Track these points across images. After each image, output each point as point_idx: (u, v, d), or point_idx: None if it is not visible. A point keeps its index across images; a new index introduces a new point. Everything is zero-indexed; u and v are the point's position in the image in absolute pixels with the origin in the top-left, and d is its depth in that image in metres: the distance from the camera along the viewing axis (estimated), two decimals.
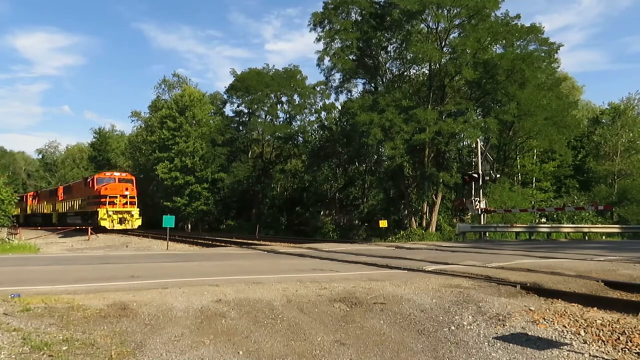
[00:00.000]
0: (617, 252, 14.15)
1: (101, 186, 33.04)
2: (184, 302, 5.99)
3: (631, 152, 41.66)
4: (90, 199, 33.66)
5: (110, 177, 34.75)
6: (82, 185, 36.88)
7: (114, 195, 32.39)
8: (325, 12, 31.68)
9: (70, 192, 39.94)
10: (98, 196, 32.50)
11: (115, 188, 32.94)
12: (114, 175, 35.58)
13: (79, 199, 36.59)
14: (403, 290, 7.01)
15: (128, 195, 32.93)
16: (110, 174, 35.92)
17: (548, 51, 30.52)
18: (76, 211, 37.39)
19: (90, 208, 33.59)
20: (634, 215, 32.74)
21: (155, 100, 59.35)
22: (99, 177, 34.58)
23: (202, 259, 12.77)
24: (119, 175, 35.88)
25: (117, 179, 34.38)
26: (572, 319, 5.66)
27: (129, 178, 35.70)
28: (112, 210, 31.68)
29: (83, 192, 35.97)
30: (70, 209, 38.65)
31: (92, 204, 33.21)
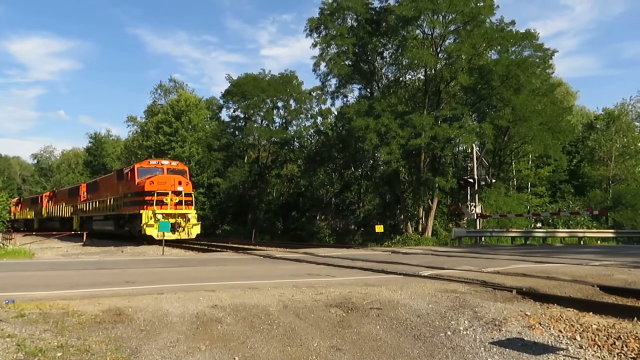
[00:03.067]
0: (612, 257, 14.20)
1: (145, 179, 23.82)
2: (180, 307, 5.96)
3: (625, 157, 41.85)
4: (129, 197, 24.71)
5: (157, 167, 25.38)
6: (115, 180, 27.87)
7: (164, 191, 22.98)
8: (322, 18, 31.77)
9: (96, 190, 31.40)
10: (140, 193, 23.27)
11: (165, 181, 23.60)
12: (162, 164, 25.94)
13: (110, 198, 27.60)
14: (399, 295, 7.01)
15: (183, 192, 23.44)
16: (156, 162, 26.26)
17: (543, 57, 30.73)
18: (106, 214, 28.27)
19: (128, 209, 24.69)
20: (629, 220, 32.88)
21: (152, 105, 59.34)
22: (142, 167, 25.21)
23: (197, 264, 12.72)
24: (168, 164, 26.25)
25: (166, 169, 25.22)
26: (568, 324, 5.68)
27: (181, 168, 26.63)
28: (161, 213, 22.47)
29: (116, 188, 27.15)
30: (98, 211, 29.88)
31: (132, 203, 24.19)
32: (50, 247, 20.89)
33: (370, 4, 31.74)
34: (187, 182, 24.59)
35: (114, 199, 26.88)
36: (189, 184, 24.70)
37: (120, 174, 27.55)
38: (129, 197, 24.56)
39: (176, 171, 25.61)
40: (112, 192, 27.65)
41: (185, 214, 23.45)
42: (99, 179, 33.70)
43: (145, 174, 24.47)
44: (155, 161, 26.81)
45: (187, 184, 24.41)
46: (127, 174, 25.60)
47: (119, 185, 26.69)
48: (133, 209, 23.77)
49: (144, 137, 53.55)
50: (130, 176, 25.04)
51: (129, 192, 24.64)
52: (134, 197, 23.95)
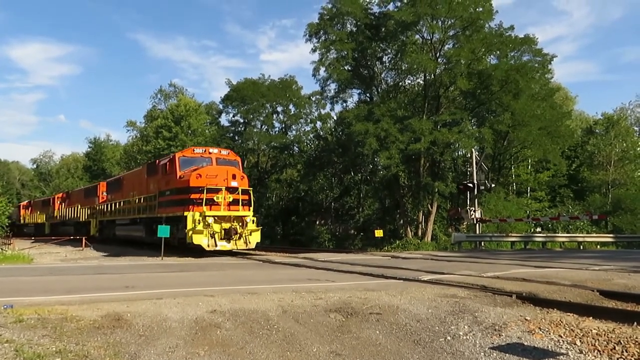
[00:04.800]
0: (612, 262, 14.19)
1: (189, 172, 18.73)
2: (179, 312, 5.95)
3: (625, 161, 41.92)
4: (166, 195, 19.52)
5: (204, 157, 20.02)
6: (144, 175, 22.50)
7: (215, 187, 17.97)
8: (321, 23, 31.88)
9: (119, 189, 26.14)
10: (184, 189, 18.26)
11: (216, 174, 18.50)
12: (210, 152, 20.34)
13: (139, 198, 22.08)
14: (399, 300, 6.99)
15: (239, 189, 18.39)
16: (202, 150, 20.73)
17: (541, 62, 30.80)
18: (134, 217, 22.71)
19: (165, 211, 19.42)
20: (628, 225, 32.88)
21: (151, 109, 59.38)
22: (184, 157, 19.89)
23: (197, 269, 12.70)
24: (217, 152, 20.61)
25: (215, 159, 19.80)
26: (568, 329, 5.66)
27: (233, 158, 20.88)
28: (213, 215, 17.61)
29: (147, 184, 21.82)
30: (121, 213, 24.77)
31: (171, 203, 19.08)
32: (49, 252, 20.84)
33: (370, 9, 31.86)
34: (243, 176, 19.34)
35: (144, 198, 21.65)
36: (244, 179, 19.36)
37: (152, 167, 22.14)
38: (167, 195, 19.47)
39: (227, 162, 20.04)
40: (140, 190, 22.46)
41: (242, 217, 18.23)
42: (123, 175, 28.22)
43: (188, 166, 19.25)
44: (201, 149, 20.66)
45: (243, 179, 19.17)
46: (164, 167, 20.11)
47: (150, 181, 21.61)
48: (173, 210, 18.67)
49: (143, 142, 53.57)
50: (169, 169, 19.65)
51: (167, 188, 19.57)
52: (174, 196, 18.96)
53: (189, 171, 18.82)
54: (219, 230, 17.64)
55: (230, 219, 18.00)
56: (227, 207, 18.12)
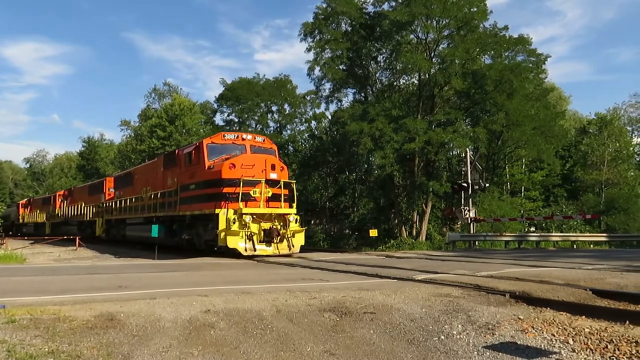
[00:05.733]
0: (605, 261, 14.28)
1: (220, 161, 16.09)
2: (173, 312, 5.93)
3: (618, 161, 42.21)
4: (191, 189, 16.91)
5: (236, 143, 17.04)
6: (160, 167, 19.87)
7: (252, 179, 15.46)
8: (316, 23, 31.86)
9: (129, 184, 23.62)
10: (215, 182, 15.67)
11: (252, 164, 15.84)
12: (244, 139, 17.36)
13: (155, 194, 19.64)
14: (393, 299, 7.00)
15: (281, 183, 16.08)
16: (234, 135, 17.64)
17: (535, 62, 30.92)
18: (148, 216, 20.03)
19: (189, 208, 16.93)
20: (621, 224, 33.13)
21: (145, 109, 59.18)
22: (213, 144, 16.90)
23: (191, 268, 12.67)
24: (252, 139, 17.60)
25: (249, 147, 17.01)
26: (561, 328, 5.69)
27: (269, 147, 18.03)
28: (250, 213, 15.08)
29: (164, 178, 19.34)
30: (133, 211, 22.13)
31: (197, 199, 16.46)
32: (42, 252, 20.72)
33: (364, 9, 31.90)
34: (282, 167, 16.76)
35: (160, 194, 19.11)
36: (284, 170, 16.82)
37: (171, 158, 19.35)
38: (192, 189, 16.79)
39: (263, 150, 17.20)
40: (156, 185, 19.92)
41: (284, 215, 15.77)
42: (134, 169, 25.40)
43: (218, 154, 16.45)
44: (232, 134, 17.68)
45: (283, 170, 16.65)
46: (188, 156, 17.38)
47: (168, 174, 18.92)
48: (200, 207, 16.11)
49: (137, 141, 53.34)
50: (195, 158, 16.85)
51: (192, 182, 16.87)
52: (201, 190, 16.19)
53: (219, 160, 16.07)
54: (258, 231, 15.13)
55: (271, 218, 15.53)
56: (266, 203, 15.54)
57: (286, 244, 15.51)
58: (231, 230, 14.74)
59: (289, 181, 16.77)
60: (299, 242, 16.04)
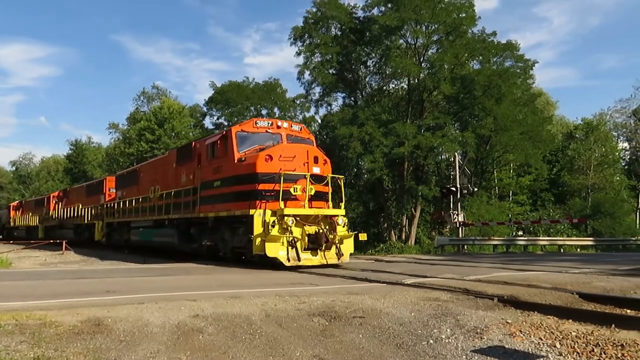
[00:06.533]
0: (591, 265, 14.43)
1: (255, 151, 13.85)
2: (161, 317, 5.89)
3: (604, 166, 42.75)
4: (216, 186, 14.56)
5: (270, 132, 14.61)
6: (173, 163, 17.78)
7: (293, 175, 13.18)
8: (306, 27, 31.94)
9: (134, 183, 21.52)
10: (248, 177, 13.33)
11: (292, 155, 13.43)
12: (279, 126, 14.85)
13: (166, 194, 17.64)
14: (382, 303, 7.01)
15: (328, 178, 13.94)
16: (268, 123, 14.91)
17: (523, 67, 31.25)
18: (159, 218, 18.10)
19: (212, 209, 14.63)
20: (607, 228, 33.52)
21: (134, 112, 58.88)
22: (242, 132, 14.37)
23: (180, 273, 12.58)
24: (288, 127, 15.11)
25: (285, 136, 14.59)
26: (548, 331, 5.74)
27: (307, 137, 15.60)
28: (293, 215, 12.68)
29: (177, 174, 17.27)
30: (140, 213, 20.05)
31: (225, 198, 14.09)
32: (28, 256, 20.47)
33: (354, 13, 32.05)
34: (325, 160, 14.23)
35: (174, 193, 16.95)
36: (327, 163, 14.33)
37: (186, 152, 17.06)
38: (216, 187, 14.41)
39: (300, 140, 14.75)
40: (167, 184, 17.82)
41: (331, 218, 13.39)
42: (139, 166, 22.86)
43: (249, 144, 14.05)
44: (265, 121, 14.85)
45: (326, 163, 14.20)
46: (212, 148, 14.98)
47: (183, 170, 16.77)
48: (228, 207, 13.68)
49: (125, 145, 53.02)
50: (221, 149, 14.45)
51: (216, 177, 14.46)
52: (228, 187, 13.80)
53: (252, 151, 13.73)
54: (301, 237, 12.65)
55: (317, 220, 13.04)
56: (310, 203, 13.11)
57: (334, 251, 13.16)
58: (270, 235, 12.19)
59: (336, 176, 14.59)
60: (348, 249, 13.63)
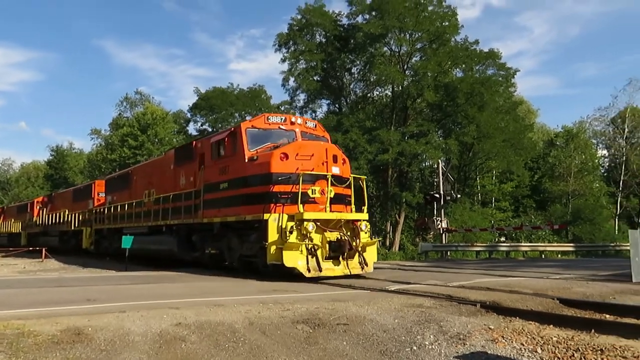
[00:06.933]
0: (572, 270, 14.63)
1: (268, 149, 12.54)
2: (142, 326, 5.81)
3: (584, 173, 43.45)
4: (223, 188, 13.18)
5: (283, 128, 13.19)
6: (170, 164, 16.64)
7: (312, 174, 11.85)
8: (290, 34, 32.06)
9: (125, 187, 20.45)
10: (261, 177, 11.97)
11: (310, 154, 12.03)
12: (292, 122, 13.52)
13: (164, 197, 16.30)
14: (366, 310, 7.02)
15: (351, 179, 12.84)
16: (281, 119, 13.50)
17: (505, 76, 31.76)
18: (154, 224, 16.96)
19: (218, 213, 13.30)
20: (587, 234, 34.00)
21: (117, 117, 58.25)
22: (253, 129, 12.99)
23: (162, 280, 12.44)
24: (302, 124, 13.75)
25: (300, 133, 13.24)
26: (530, 337, 5.80)
27: (322, 135, 14.17)
28: (313, 220, 11.29)
29: (177, 176, 16.02)
30: (133, 219, 18.77)
31: (233, 201, 12.74)
32: (7, 264, 20.05)
33: (339, 21, 32.27)
34: (344, 159, 13.06)
35: (173, 197, 15.65)
36: (346, 163, 13.13)
37: (186, 152, 15.95)
38: (224, 189, 13.04)
39: (315, 138, 13.48)
40: (164, 187, 16.51)
41: (354, 223, 12.19)
42: (132, 169, 21.67)
43: (260, 142, 12.70)
44: (278, 117, 13.57)
45: (345, 163, 12.98)
46: (218, 146, 13.70)
47: (183, 172, 15.61)
48: (237, 211, 12.41)
49: (108, 151, 52.41)
50: (229, 147, 13.22)
51: (224, 179, 13.11)
52: (238, 189, 12.50)
53: (264, 149, 12.43)
54: (322, 244, 11.32)
55: (339, 226, 11.70)
56: (326, 205, 11.69)
57: (357, 260, 11.83)
58: (288, 242, 10.86)
59: (359, 176, 13.34)
60: (372, 258, 12.42)
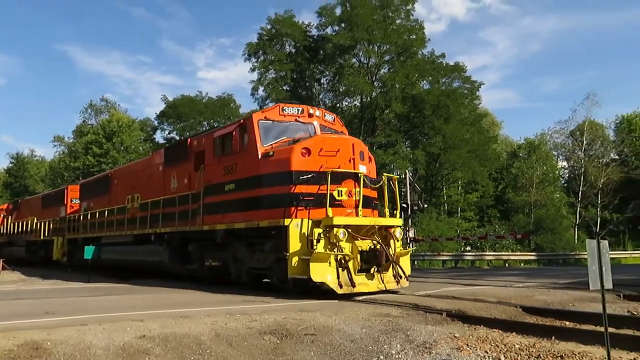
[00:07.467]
0: (534, 279, 15.02)
1: (286, 144, 10.63)
2: (105, 339, 5.65)
3: (545, 184, 44.75)
4: (229, 190, 11.30)
5: (301, 121, 11.36)
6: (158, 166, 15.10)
7: (339, 172, 9.88)
8: (260, 43, 32.09)
9: (103, 192, 18.82)
10: (278, 176, 10.06)
11: (335, 149, 10.14)
12: (310, 114, 11.62)
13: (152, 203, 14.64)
14: (334, 320, 7.02)
15: (384, 179, 11.27)
16: (298, 110, 11.59)
17: (470, 89, 32.58)
18: (141, 233, 15.17)
19: (223, 219, 11.40)
20: (548, 243, 34.93)
21: (81, 125, 56.88)
22: (267, 121, 11.06)
23: (126, 292, 12.15)
24: (321, 116, 11.85)
25: (319, 127, 11.41)
26: (493, 345, 5.92)
27: (341, 130, 12.42)
28: (344, 226, 9.41)
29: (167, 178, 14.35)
30: (112, 228, 17.26)
31: (241, 204, 10.84)
32: None
33: (309, 32, 32.52)
34: (371, 157, 11.46)
35: (164, 202, 13.97)
36: (372, 161, 11.48)
37: (178, 151, 14.43)
38: (230, 190, 11.27)
39: (336, 131, 12.05)
40: (151, 191, 14.88)
41: (387, 229, 10.47)
42: (111, 172, 20.08)
43: (274, 136, 11.02)
44: (294, 108, 11.78)
45: (371, 161, 11.38)
46: (223, 141, 11.92)
47: (174, 173, 14.01)
48: (249, 216, 10.57)
49: (71, 158, 51.07)
50: (237, 142, 11.42)
51: (230, 179, 11.35)
52: (249, 190, 10.68)
53: (282, 144, 10.73)
54: (353, 254, 9.64)
55: (370, 233, 10.05)
56: (354, 209, 10.06)
57: (391, 273, 10.18)
58: (316, 253, 9.22)
59: (392, 176, 11.64)
60: (407, 270, 10.84)
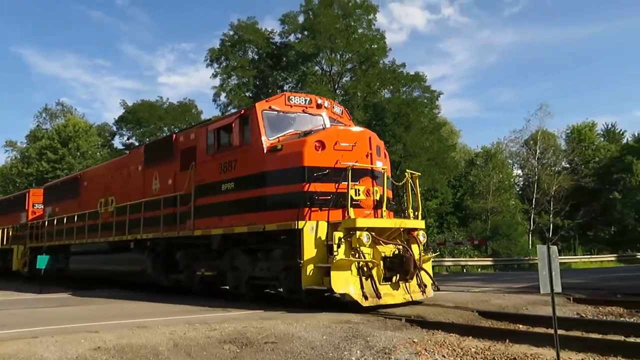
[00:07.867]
0: (490, 284, 15.45)
1: (295, 137, 9.65)
2: (57, 352, 5.46)
3: (501, 191, 46.11)
4: (227, 189, 10.15)
5: (309, 112, 10.40)
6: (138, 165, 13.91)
7: (358, 168, 8.97)
8: (222, 49, 31.87)
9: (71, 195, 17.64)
10: (288, 173, 9.03)
11: (352, 142, 9.17)
12: (319, 105, 10.64)
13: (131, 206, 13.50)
14: (294, 328, 7.02)
15: (406, 177, 10.50)
16: (305, 100, 10.54)
17: (430, 98, 33.26)
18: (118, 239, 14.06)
19: (220, 222, 10.22)
20: (504, 249, 35.98)
21: (35, 129, 54.80)
22: (271, 111, 10.22)
23: (80, 303, 11.77)
24: (329, 107, 10.88)
25: (328, 119, 10.51)
26: (451, 349, 6.07)
27: (348, 123, 11.35)
28: (367, 229, 8.40)
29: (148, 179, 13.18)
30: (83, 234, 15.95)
31: (242, 206, 9.70)
32: None
33: (271, 38, 32.54)
34: (386, 153, 10.58)
35: (145, 204, 12.79)
36: (387, 157, 10.57)
37: (160, 148, 13.24)
38: (228, 190, 10.18)
39: (341, 123, 11.08)
40: (128, 193, 13.78)
41: (410, 232, 9.54)
42: (81, 174, 18.75)
43: (281, 128, 10.10)
44: (301, 97, 10.75)
45: (387, 157, 10.52)
46: (219, 134, 10.92)
47: (156, 172, 12.85)
48: (253, 219, 9.50)
49: (24, 164, 49.13)
50: (237, 135, 10.35)
51: (228, 177, 10.28)
52: (253, 189, 9.62)
53: (289, 137, 9.83)
54: (376, 260, 8.69)
55: (399, 237, 9.32)
56: (372, 210, 9.26)
57: (415, 282, 9.23)
58: (338, 260, 8.21)
59: (414, 172, 10.56)
60: (429, 271, 9.85)
